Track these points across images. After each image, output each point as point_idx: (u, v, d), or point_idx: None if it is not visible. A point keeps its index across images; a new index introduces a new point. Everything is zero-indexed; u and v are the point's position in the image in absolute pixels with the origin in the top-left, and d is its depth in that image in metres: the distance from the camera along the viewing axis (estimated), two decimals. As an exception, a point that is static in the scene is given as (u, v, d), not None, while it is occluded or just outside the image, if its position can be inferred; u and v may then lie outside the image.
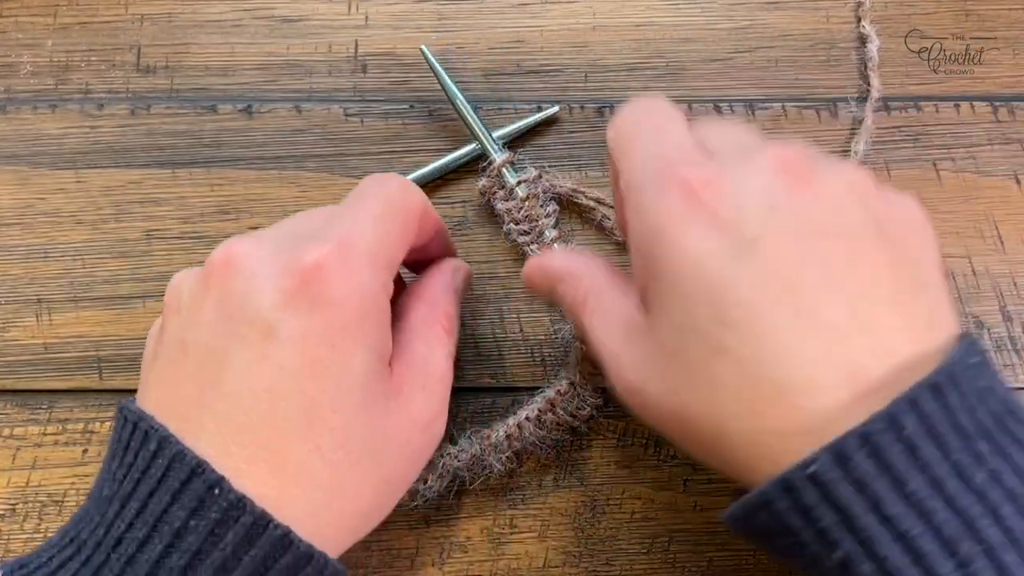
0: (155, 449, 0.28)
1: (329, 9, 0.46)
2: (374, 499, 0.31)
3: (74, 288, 0.42)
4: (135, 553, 0.27)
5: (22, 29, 0.46)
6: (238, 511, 0.27)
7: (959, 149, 0.44)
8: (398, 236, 0.32)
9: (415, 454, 0.32)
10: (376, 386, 0.30)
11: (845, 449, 0.24)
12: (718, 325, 0.27)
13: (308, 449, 0.28)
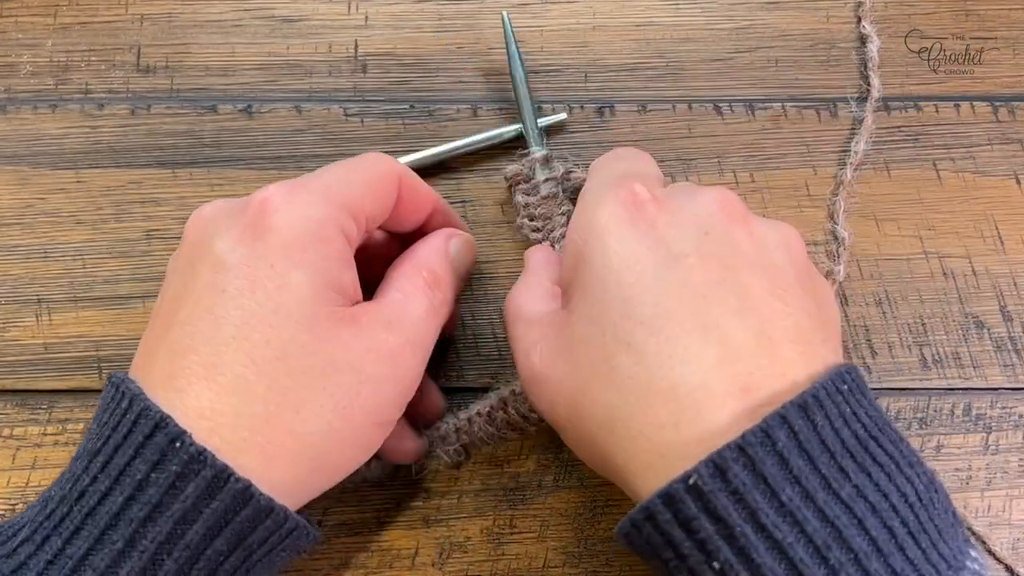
0: (126, 406, 0.28)
1: (329, 9, 0.46)
2: (322, 423, 0.29)
3: (74, 288, 0.42)
4: (96, 505, 0.27)
5: (22, 29, 0.46)
6: (199, 464, 0.27)
7: (959, 149, 0.44)
8: (361, 186, 0.33)
9: (373, 381, 0.31)
10: (322, 308, 0.30)
11: (723, 460, 0.25)
12: (628, 320, 0.28)
13: (243, 361, 0.29)
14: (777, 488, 0.25)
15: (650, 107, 0.44)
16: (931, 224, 0.43)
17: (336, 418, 0.30)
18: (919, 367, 0.41)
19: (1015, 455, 0.40)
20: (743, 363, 0.27)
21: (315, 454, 0.30)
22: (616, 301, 0.29)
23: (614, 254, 0.30)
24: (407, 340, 0.32)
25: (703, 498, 0.25)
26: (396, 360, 0.31)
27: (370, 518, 0.39)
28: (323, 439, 0.30)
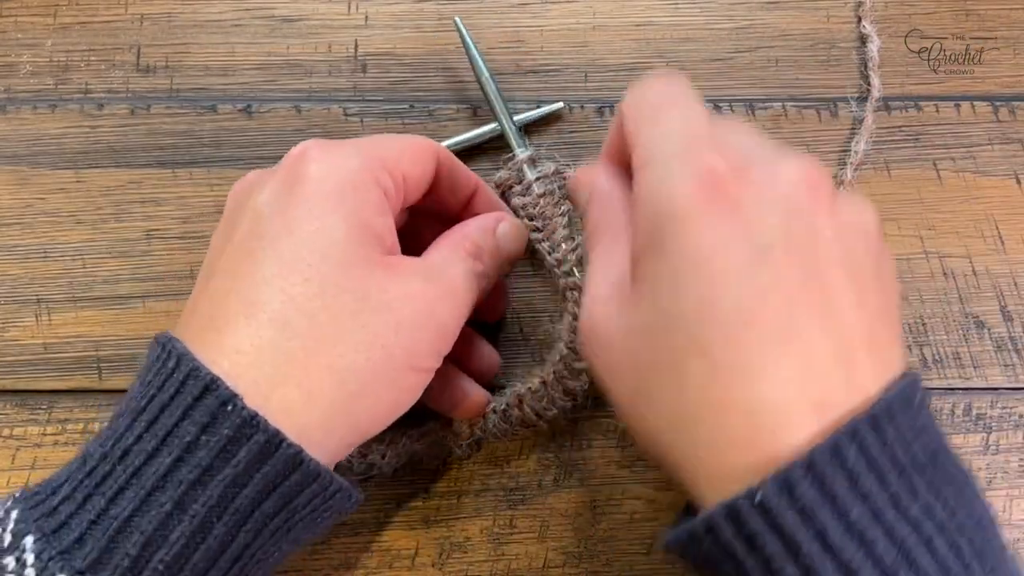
0: (173, 365, 0.28)
1: (329, 9, 0.46)
2: (360, 359, 0.30)
3: (74, 288, 0.42)
4: (142, 465, 0.27)
5: (22, 29, 0.46)
6: (251, 428, 0.27)
7: (959, 149, 0.44)
8: (398, 147, 0.33)
9: (410, 324, 0.31)
10: (359, 251, 0.30)
11: (791, 477, 0.24)
12: (704, 322, 0.26)
13: (282, 299, 0.29)
14: (846, 506, 0.24)
15: (650, 107, 0.44)
16: (931, 224, 0.43)
17: (373, 354, 0.30)
18: (919, 367, 0.41)
19: (1015, 455, 0.40)
20: (822, 381, 0.26)
21: (353, 391, 0.30)
22: (692, 299, 0.27)
23: (694, 246, 0.27)
24: (443, 293, 0.32)
25: (769, 515, 0.25)
26: (432, 309, 0.31)
27: (370, 518, 0.39)
28: (361, 375, 0.30)
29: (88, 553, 0.26)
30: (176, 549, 0.26)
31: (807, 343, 0.26)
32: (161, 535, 0.26)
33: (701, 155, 0.28)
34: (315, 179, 0.31)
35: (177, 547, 0.26)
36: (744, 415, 0.26)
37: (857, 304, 0.27)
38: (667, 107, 0.30)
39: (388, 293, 0.30)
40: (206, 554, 0.27)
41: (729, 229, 0.27)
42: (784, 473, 0.24)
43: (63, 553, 0.26)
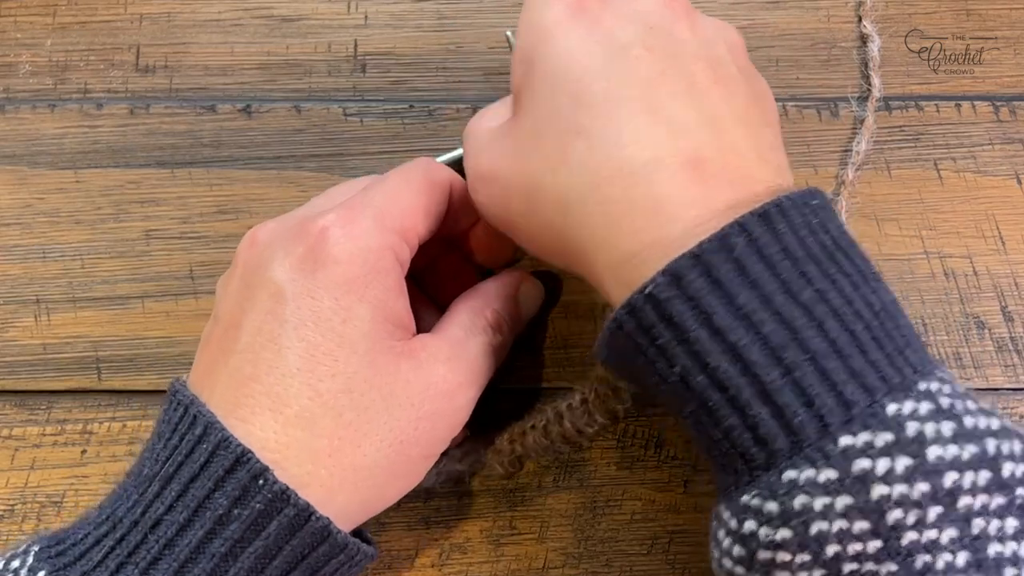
0: (200, 433, 0.28)
1: (329, 9, 0.46)
2: (383, 458, 0.30)
3: (73, 288, 0.42)
4: (174, 536, 0.27)
5: (21, 29, 0.46)
6: (282, 502, 0.28)
7: (960, 149, 0.43)
8: (412, 202, 0.33)
9: (430, 417, 0.31)
10: (384, 342, 0.30)
11: (679, 269, 0.25)
12: (577, 109, 0.29)
13: (309, 395, 0.29)
14: (733, 292, 0.25)
15: (650, 107, 0.44)
16: (932, 224, 0.42)
17: (393, 452, 0.30)
18: (920, 367, 0.41)
19: (1016, 455, 0.40)
20: (690, 138, 0.28)
21: (371, 486, 0.30)
22: (566, 94, 0.29)
23: (562, 51, 0.30)
24: (464, 379, 0.32)
25: (659, 306, 0.26)
26: (452, 398, 0.32)
27: (370, 518, 0.39)
28: (380, 472, 0.30)
29: None
30: None
31: (672, 112, 0.28)
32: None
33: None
34: (340, 262, 0.30)
35: None
36: (623, 173, 0.28)
37: (722, 87, 0.29)
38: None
39: (411, 386, 0.31)
40: None
41: (594, 35, 0.30)
42: (672, 265, 0.26)
43: None
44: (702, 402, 0.26)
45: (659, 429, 0.40)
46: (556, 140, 0.29)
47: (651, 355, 0.27)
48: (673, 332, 0.26)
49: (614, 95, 0.29)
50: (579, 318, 0.41)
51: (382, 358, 0.30)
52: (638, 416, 0.40)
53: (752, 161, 0.28)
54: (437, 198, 0.34)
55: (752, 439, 0.25)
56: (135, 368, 0.41)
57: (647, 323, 0.26)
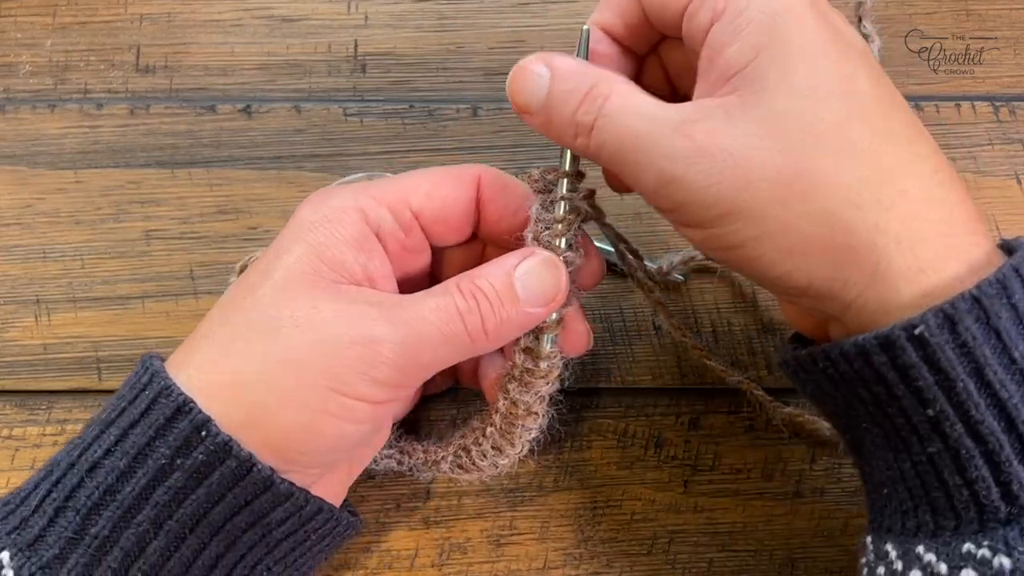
0: (146, 381, 0.29)
1: (329, 9, 0.46)
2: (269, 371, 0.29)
3: (73, 288, 0.42)
4: (116, 483, 0.28)
5: (21, 29, 0.46)
6: (224, 454, 0.28)
7: (960, 149, 0.43)
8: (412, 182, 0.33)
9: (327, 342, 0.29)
10: (307, 275, 0.31)
11: (955, 312, 0.24)
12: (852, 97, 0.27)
13: (219, 319, 0.31)
14: (1010, 344, 0.24)
15: (650, 107, 0.44)
16: (932, 224, 0.42)
17: (283, 368, 0.29)
18: (920, 367, 0.41)
19: (1016, 455, 0.40)
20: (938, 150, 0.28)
21: (256, 400, 0.29)
22: (834, 76, 0.27)
23: (817, 30, 0.28)
24: (394, 317, 0.30)
25: (927, 348, 0.25)
26: (367, 329, 0.30)
27: (370, 518, 0.39)
28: (265, 388, 0.29)
29: (71, 569, 0.27)
30: (152, 559, 0.28)
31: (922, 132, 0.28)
32: (139, 548, 0.28)
33: None
34: (297, 217, 0.32)
35: (153, 558, 0.28)
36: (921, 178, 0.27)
37: None
38: None
39: (317, 311, 0.30)
40: (180, 562, 0.29)
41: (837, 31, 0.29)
42: (947, 307, 0.25)
43: (44, 568, 0.27)
44: (950, 448, 0.25)
45: (659, 429, 0.40)
46: (834, 125, 0.27)
47: (899, 391, 0.26)
48: (936, 376, 0.25)
49: (882, 95, 0.28)
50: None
51: (296, 286, 0.30)
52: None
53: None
54: (448, 182, 0.33)
55: (1000, 494, 0.25)
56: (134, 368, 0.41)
57: (905, 363, 0.25)
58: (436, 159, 0.43)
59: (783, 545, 0.39)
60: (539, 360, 0.34)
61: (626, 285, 0.42)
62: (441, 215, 0.33)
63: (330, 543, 0.33)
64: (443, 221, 0.34)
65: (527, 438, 0.36)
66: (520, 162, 0.43)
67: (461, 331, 0.31)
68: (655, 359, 0.41)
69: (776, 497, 0.39)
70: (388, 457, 0.38)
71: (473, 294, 0.31)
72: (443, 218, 0.34)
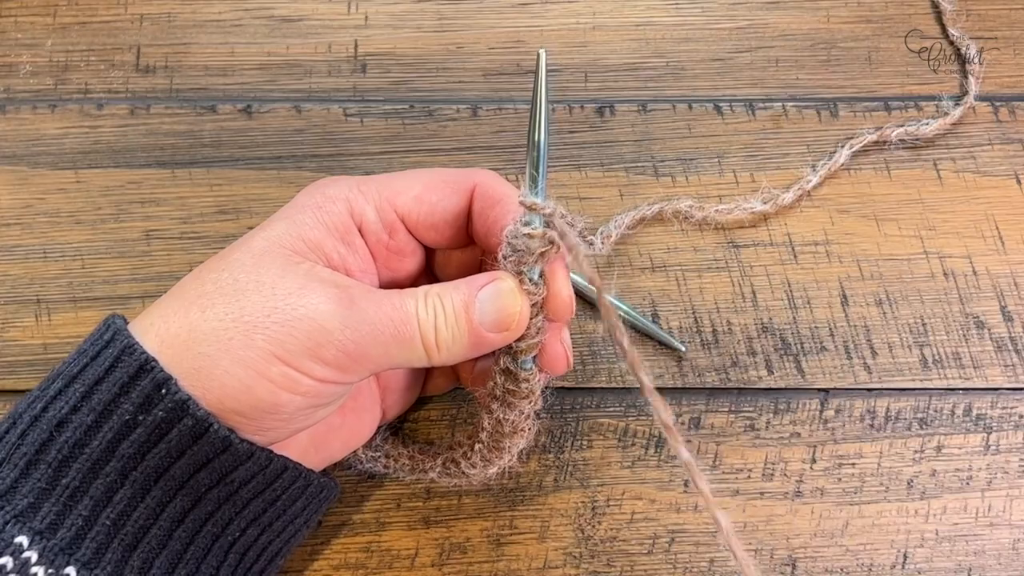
0: (108, 339, 0.30)
1: (329, 9, 0.46)
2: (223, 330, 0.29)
3: (73, 288, 0.42)
4: (83, 437, 0.29)
5: (22, 29, 0.46)
6: (181, 412, 0.29)
7: (960, 149, 0.44)
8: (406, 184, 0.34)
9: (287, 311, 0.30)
10: (281, 250, 0.32)
11: None
12: None
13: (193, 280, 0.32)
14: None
15: (650, 107, 0.44)
16: (931, 224, 0.43)
17: (237, 329, 0.29)
18: (919, 367, 0.41)
19: (1015, 455, 0.40)
20: None
21: (205, 355, 0.29)
22: None
23: None
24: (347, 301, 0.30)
25: None
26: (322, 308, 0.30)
27: (370, 518, 0.39)
28: (214, 340, 0.29)
29: (45, 516, 0.28)
30: (120, 507, 0.29)
31: None
32: (107, 497, 0.29)
33: None
34: (294, 200, 0.33)
35: (120, 506, 0.29)
36: None
37: None
38: None
39: (283, 282, 0.30)
40: (146, 512, 0.30)
41: None
42: None
43: (19, 516, 0.28)
44: None
45: (659, 429, 0.40)
46: None
47: None
48: None
49: None
50: (579, 318, 0.41)
51: (271, 256, 0.31)
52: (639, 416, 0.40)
53: None
54: (442, 189, 0.34)
55: None
56: (136, 368, 0.41)
57: None
58: (436, 159, 0.43)
59: (783, 545, 0.39)
60: (519, 381, 0.34)
61: (625, 284, 0.42)
62: (429, 221, 0.34)
63: (305, 505, 0.34)
64: (431, 227, 0.34)
65: (515, 451, 0.36)
66: (519, 162, 0.43)
67: (415, 337, 0.31)
68: (655, 359, 0.41)
69: (776, 497, 0.39)
70: (374, 460, 0.38)
71: (434, 306, 0.32)
72: (431, 224, 0.34)
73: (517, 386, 0.34)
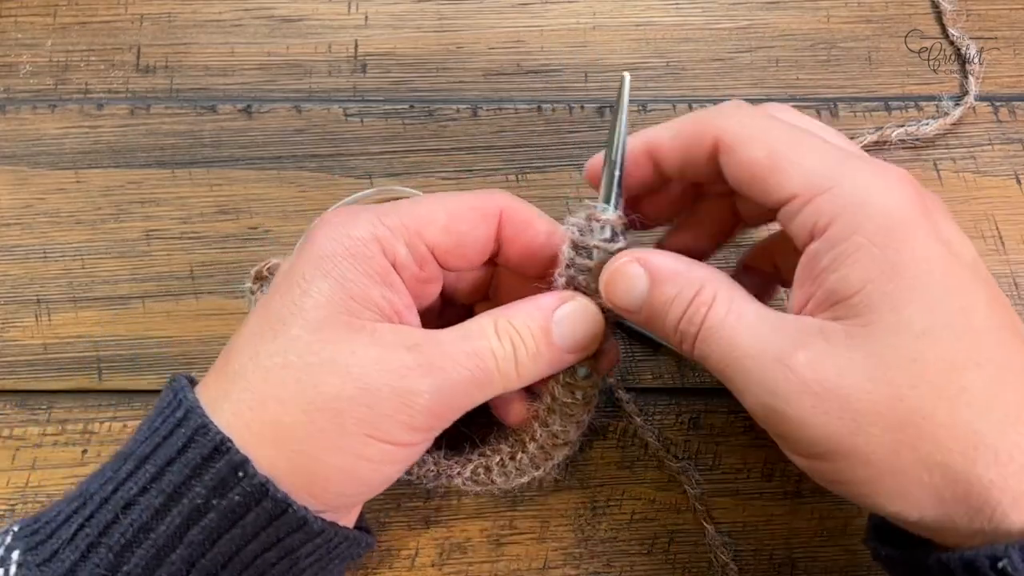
0: (181, 417, 0.29)
1: (329, 9, 0.46)
2: (310, 420, 0.29)
3: (73, 288, 0.42)
4: (150, 520, 0.28)
5: (22, 29, 0.46)
6: (260, 495, 0.28)
7: (960, 149, 0.43)
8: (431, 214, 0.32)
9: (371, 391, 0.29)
10: (340, 316, 0.30)
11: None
12: (965, 334, 0.26)
13: (249, 355, 0.30)
14: None
15: (650, 107, 0.44)
16: (931, 224, 0.42)
17: (323, 416, 0.29)
18: (920, 367, 0.41)
19: (1016, 455, 0.40)
20: None
21: (299, 448, 0.29)
22: (951, 310, 0.26)
23: (931, 257, 0.27)
24: (430, 364, 0.30)
25: None
26: (403, 378, 0.30)
27: (370, 518, 0.39)
28: (308, 435, 0.29)
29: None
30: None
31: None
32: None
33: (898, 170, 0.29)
34: (317, 245, 0.31)
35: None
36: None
37: None
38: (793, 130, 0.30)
39: (355, 357, 0.29)
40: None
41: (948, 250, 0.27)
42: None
43: None
44: None
45: (659, 429, 0.40)
46: (948, 368, 0.26)
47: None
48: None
49: (999, 325, 0.27)
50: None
51: (330, 328, 0.30)
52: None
53: None
54: (469, 218, 0.32)
55: None
56: (135, 368, 0.41)
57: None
58: (436, 159, 0.43)
59: (783, 545, 0.39)
60: (576, 390, 0.34)
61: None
62: (458, 251, 0.33)
63: (349, 561, 0.34)
64: (459, 256, 0.33)
65: (555, 463, 0.36)
66: (520, 162, 0.43)
67: (494, 374, 0.31)
68: (655, 359, 0.41)
69: (776, 497, 0.39)
70: None
71: (510, 337, 0.31)
72: (459, 254, 0.33)
73: (574, 396, 0.34)
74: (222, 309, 0.42)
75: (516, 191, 0.43)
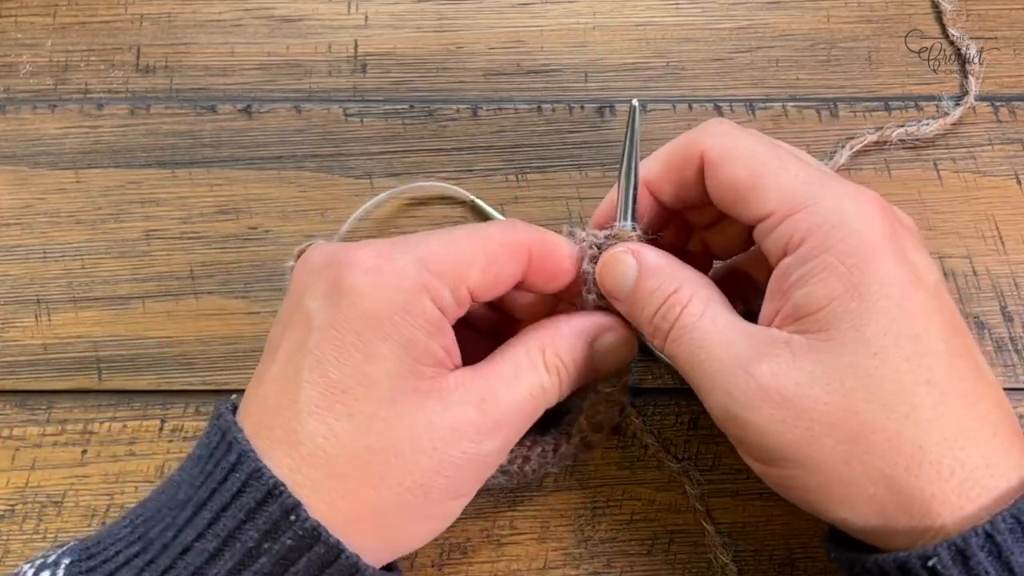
0: (234, 462, 0.28)
1: (329, 9, 0.46)
2: (402, 501, 0.29)
3: (73, 288, 0.42)
4: (204, 565, 0.28)
5: (22, 29, 0.46)
6: (312, 539, 0.28)
7: (960, 149, 0.43)
8: (468, 257, 0.31)
9: (453, 462, 0.30)
10: (408, 383, 0.29)
11: (968, 547, 0.25)
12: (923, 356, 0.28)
13: (324, 434, 0.29)
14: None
15: (650, 107, 0.44)
16: (932, 224, 0.43)
17: (413, 495, 0.29)
18: (920, 367, 0.41)
19: (1016, 455, 0.40)
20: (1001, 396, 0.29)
21: (393, 527, 0.30)
22: (907, 333, 0.28)
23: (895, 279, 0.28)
24: (497, 422, 0.31)
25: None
26: (480, 443, 0.30)
27: (370, 519, 0.39)
28: (401, 514, 0.30)
29: None
30: None
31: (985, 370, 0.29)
32: None
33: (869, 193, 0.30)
34: (364, 296, 0.29)
35: None
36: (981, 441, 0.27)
37: None
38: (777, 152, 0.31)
39: (435, 429, 0.29)
40: None
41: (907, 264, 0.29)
42: (959, 541, 0.25)
43: None
44: None
45: (659, 429, 0.40)
46: (901, 388, 0.28)
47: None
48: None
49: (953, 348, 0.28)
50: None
51: (405, 399, 0.29)
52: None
53: None
54: (503, 257, 0.32)
55: None
56: (135, 368, 0.41)
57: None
58: (436, 159, 0.43)
59: (783, 545, 0.39)
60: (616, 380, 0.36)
61: (626, 285, 0.42)
62: (492, 289, 0.32)
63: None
64: (492, 292, 0.33)
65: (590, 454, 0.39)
66: (519, 162, 0.43)
67: (543, 406, 0.33)
68: (655, 360, 0.41)
69: (776, 497, 0.39)
70: None
71: (557, 370, 0.32)
72: (493, 291, 0.33)
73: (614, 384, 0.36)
74: (222, 309, 0.42)
75: (516, 191, 0.43)
